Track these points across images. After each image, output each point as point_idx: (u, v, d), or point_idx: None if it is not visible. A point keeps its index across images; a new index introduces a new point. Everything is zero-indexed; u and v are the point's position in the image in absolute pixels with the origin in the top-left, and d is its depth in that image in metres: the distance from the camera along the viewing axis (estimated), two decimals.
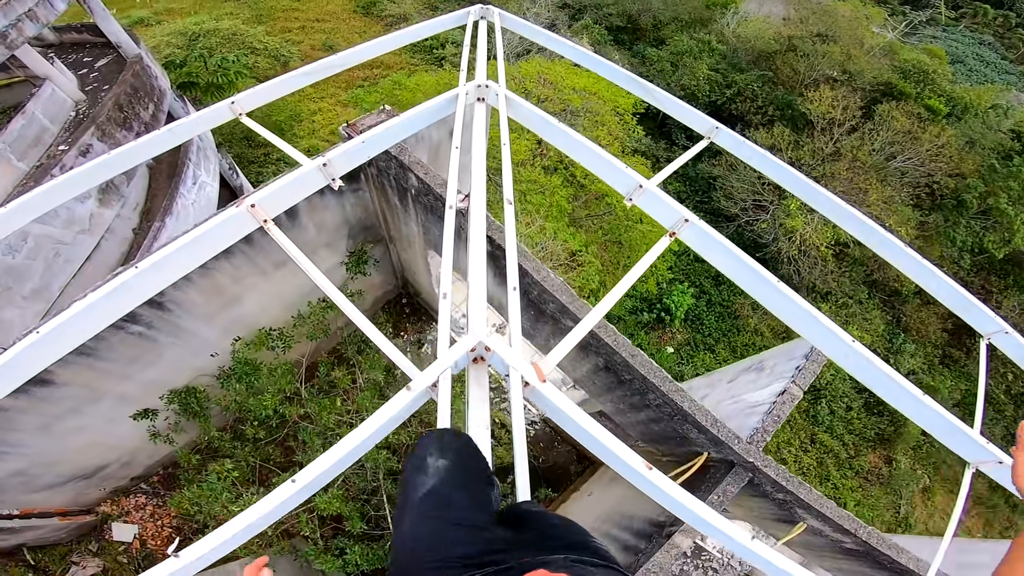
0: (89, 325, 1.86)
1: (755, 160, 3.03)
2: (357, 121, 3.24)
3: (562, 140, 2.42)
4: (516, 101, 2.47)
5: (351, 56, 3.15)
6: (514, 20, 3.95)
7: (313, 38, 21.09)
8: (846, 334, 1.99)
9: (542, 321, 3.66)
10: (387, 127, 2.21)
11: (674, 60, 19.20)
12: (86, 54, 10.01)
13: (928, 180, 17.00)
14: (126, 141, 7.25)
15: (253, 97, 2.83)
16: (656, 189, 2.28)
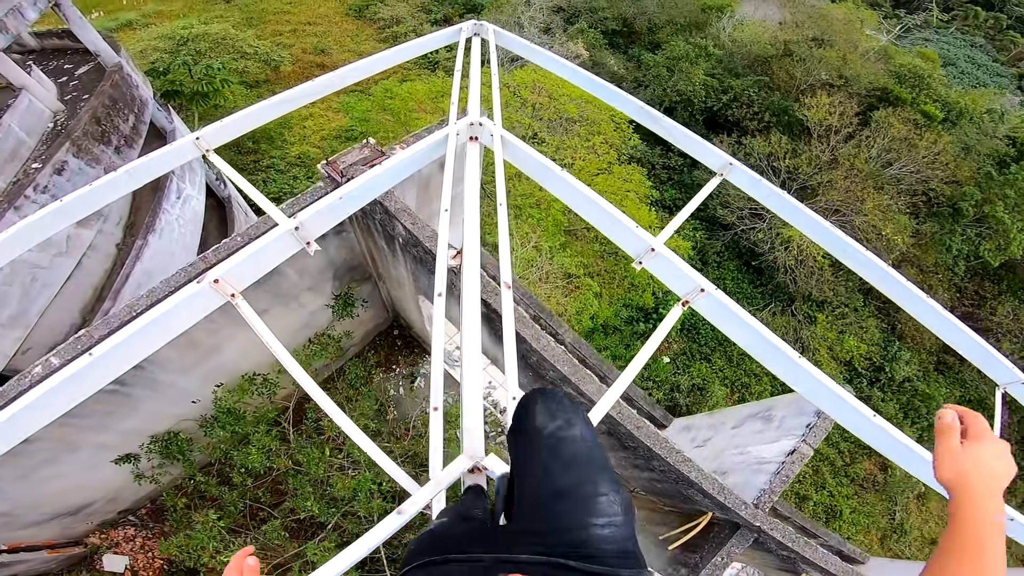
0: (36, 420, 1.66)
1: (772, 202, 2.81)
2: (337, 158, 2.98)
3: (564, 191, 2.19)
4: (513, 143, 2.23)
5: (331, 81, 2.90)
6: (510, 38, 3.73)
7: (305, 41, 20.75)
8: (867, 408, 1.89)
9: (541, 384, 3.44)
10: (368, 179, 1.97)
11: (670, 65, 19.03)
12: (67, 61, 9.67)
13: (924, 188, 16.93)
14: (104, 156, 6.95)
15: (221, 131, 2.57)
16: (670, 253, 2.06)
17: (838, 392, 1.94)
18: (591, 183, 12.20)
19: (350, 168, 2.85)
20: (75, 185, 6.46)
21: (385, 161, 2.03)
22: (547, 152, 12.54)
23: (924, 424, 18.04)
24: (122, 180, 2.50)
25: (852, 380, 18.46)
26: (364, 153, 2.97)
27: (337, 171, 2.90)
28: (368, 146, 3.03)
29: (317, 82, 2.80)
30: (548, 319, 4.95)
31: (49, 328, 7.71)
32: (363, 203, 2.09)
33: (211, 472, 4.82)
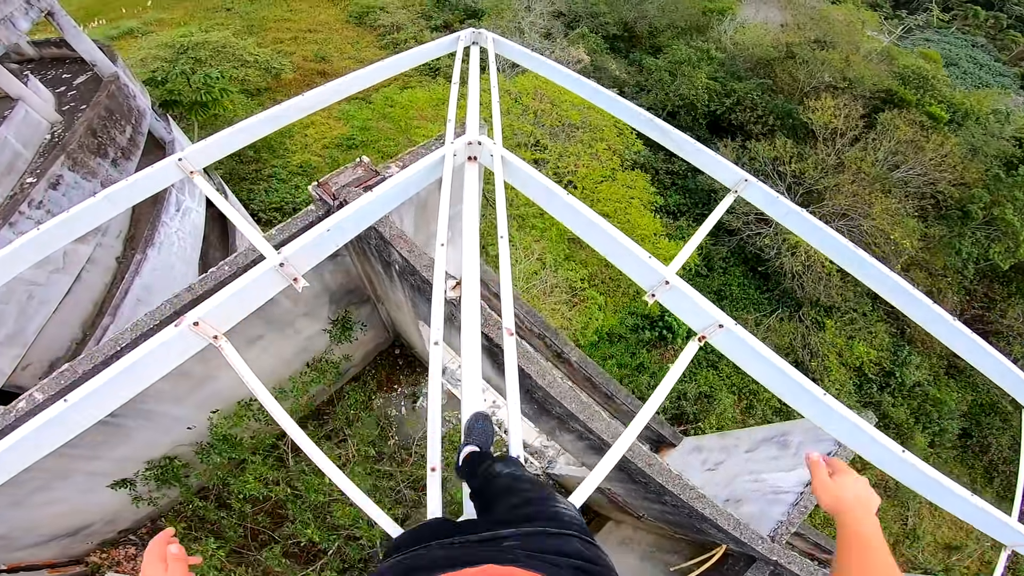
0: (13, 464, 1.59)
1: (791, 221, 2.65)
2: (329, 179, 2.83)
3: (570, 217, 2.04)
4: (514, 164, 2.08)
5: (322, 95, 2.76)
6: (510, 46, 3.59)
7: (305, 49, 20.71)
8: (895, 444, 1.94)
9: (547, 416, 3.28)
10: (358, 208, 1.83)
11: (672, 69, 18.88)
12: (65, 70, 9.58)
13: (932, 190, 16.71)
14: (100, 169, 6.84)
15: (206, 151, 2.44)
16: (685, 286, 1.91)
17: (865, 428, 1.92)
18: (594, 191, 12.06)
19: (343, 190, 2.70)
20: (71, 200, 6.34)
21: (377, 188, 1.88)
22: (550, 159, 12.40)
23: (935, 429, 17.78)
24: (102, 207, 2.37)
25: (862, 386, 18.21)
26: (358, 173, 2.82)
27: (329, 193, 2.75)
28: (362, 165, 2.88)
29: (307, 96, 2.66)
30: (553, 337, 4.79)
31: (49, 343, 7.61)
32: (353, 234, 1.95)
33: (209, 496, 4.68)
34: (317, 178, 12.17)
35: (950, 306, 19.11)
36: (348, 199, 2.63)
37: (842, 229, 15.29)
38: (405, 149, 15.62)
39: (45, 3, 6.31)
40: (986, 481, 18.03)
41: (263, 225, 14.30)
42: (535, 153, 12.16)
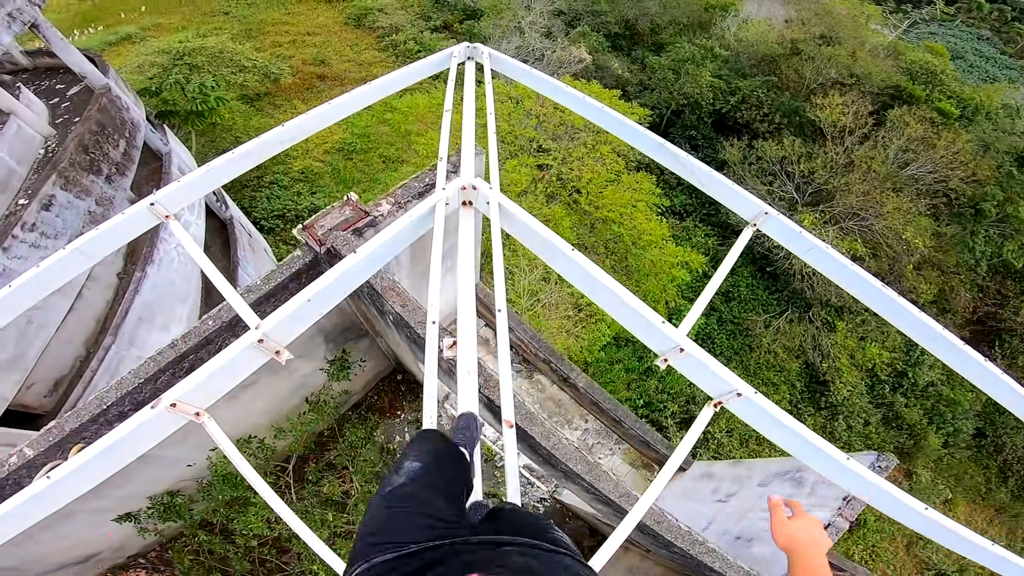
0: None
1: (814, 257, 2.45)
2: (315, 222, 2.64)
3: (575, 274, 1.86)
4: (514, 213, 1.90)
5: (302, 125, 2.58)
6: (509, 63, 3.38)
7: (304, 52, 20.54)
8: (918, 502, 1.86)
9: (552, 468, 3.11)
10: (341, 273, 1.66)
11: (676, 67, 18.58)
12: (59, 80, 9.43)
13: (944, 188, 16.39)
14: (95, 187, 6.69)
15: (179, 194, 2.28)
16: (700, 352, 1.75)
17: (890, 491, 1.86)
18: (599, 197, 11.83)
19: (330, 234, 2.53)
20: (65, 220, 6.20)
21: (361, 248, 1.70)
22: (553, 164, 12.16)
23: (949, 429, 17.51)
24: (74, 260, 2.22)
25: (874, 387, 17.97)
26: (345, 214, 2.64)
27: (315, 238, 2.57)
28: (350, 204, 2.69)
29: (287, 127, 2.49)
30: (558, 362, 4.62)
31: (53, 362, 7.53)
32: (337, 301, 1.78)
33: (215, 529, 4.54)
34: (318, 183, 11.85)
35: (962, 304, 18.83)
36: (336, 245, 2.46)
37: (853, 229, 15.01)
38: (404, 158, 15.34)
39: (28, 15, 6.15)
40: (1000, 480, 17.80)
41: (266, 234, 14.18)
42: (539, 160, 11.95)
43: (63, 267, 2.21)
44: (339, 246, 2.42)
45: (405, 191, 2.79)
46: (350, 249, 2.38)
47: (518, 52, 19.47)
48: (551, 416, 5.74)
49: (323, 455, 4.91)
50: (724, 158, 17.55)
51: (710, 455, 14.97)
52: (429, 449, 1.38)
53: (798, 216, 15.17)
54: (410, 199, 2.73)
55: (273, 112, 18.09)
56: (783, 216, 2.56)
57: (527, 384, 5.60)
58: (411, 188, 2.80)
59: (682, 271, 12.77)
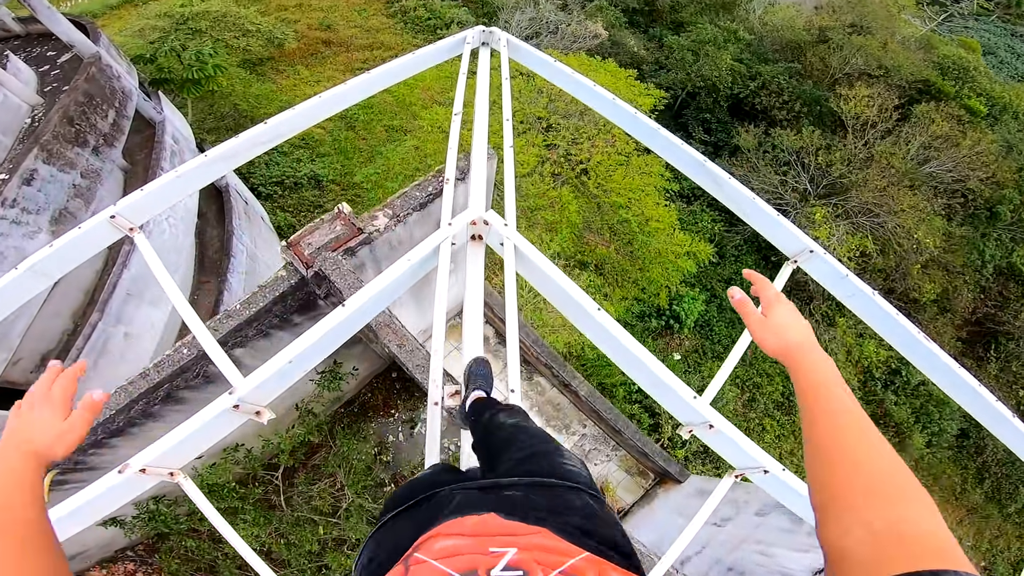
0: None
1: (858, 304, 2.24)
2: (301, 239, 2.34)
3: (598, 335, 1.62)
4: (532, 260, 1.63)
5: (295, 119, 2.28)
6: (529, 52, 3.04)
7: (310, 16, 19.75)
8: None
9: None
10: (328, 330, 1.41)
11: (695, 48, 17.88)
12: (51, 47, 8.97)
13: (962, 187, 15.95)
14: (80, 159, 6.36)
15: (143, 205, 2.01)
16: (730, 428, 1.61)
17: None
18: (608, 180, 11.43)
19: (318, 255, 2.25)
20: (47, 195, 5.90)
21: (351, 300, 1.45)
22: (561, 144, 11.71)
23: (935, 429, 17.60)
24: (27, 282, 1.96)
25: (866, 383, 17.97)
26: (336, 229, 2.34)
27: (302, 259, 2.29)
28: (340, 218, 2.38)
29: (270, 124, 2.19)
30: (560, 368, 4.41)
31: (40, 335, 7.34)
32: (323, 357, 1.56)
33: (202, 536, 4.40)
34: (319, 151, 11.44)
35: (963, 304, 18.65)
36: (325, 269, 2.19)
37: (865, 225, 14.65)
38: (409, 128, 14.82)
39: None
40: (976, 482, 18.04)
41: (263, 200, 13.83)
42: (548, 140, 11.51)
43: (18, 288, 1.96)
44: (328, 269, 2.15)
45: (404, 202, 2.49)
46: (340, 274, 2.12)
47: (532, 24, 18.72)
48: (549, 420, 5.57)
49: (315, 455, 4.75)
50: (738, 143, 17.07)
51: (709, 471, 15.02)
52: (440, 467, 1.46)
53: (811, 208, 14.79)
54: (410, 211, 2.45)
55: (276, 78, 17.48)
56: (830, 255, 2.31)
57: (526, 386, 5.42)
58: (411, 199, 2.50)
59: (689, 261, 12.48)
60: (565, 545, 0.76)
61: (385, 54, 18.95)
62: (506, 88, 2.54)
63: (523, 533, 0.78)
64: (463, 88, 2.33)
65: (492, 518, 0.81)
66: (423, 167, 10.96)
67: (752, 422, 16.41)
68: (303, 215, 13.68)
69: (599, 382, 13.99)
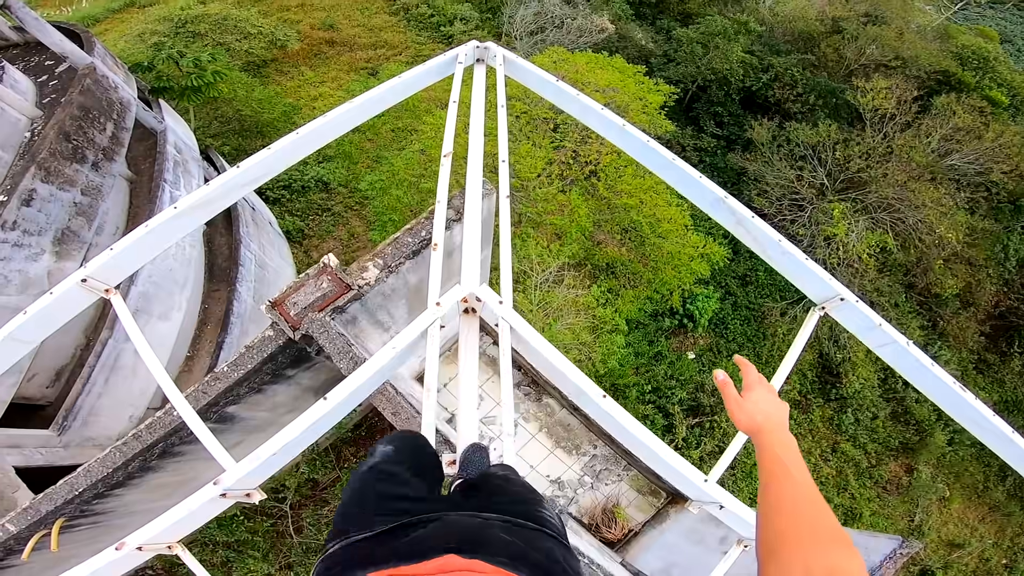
0: None
1: (891, 354, 2.10)
2: (286, 298, 2.16)
3: (611, 424, 1.48)
4: (529, 341, 1.48)
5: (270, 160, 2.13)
6: (528, 69, 2.80)
7: (313, 16, 19.58)
8: None
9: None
10: (313, 423, 1.31)
11: (705, 41, 17.45)
12: (49, 56, 8.89)
13: (984, 180, 15.45)
14: (79, 176, 6.27)
15: (114, 264, 1.89)
16: (740, 507, 1.63)
17: None
18: (618, 181, 11.18)
19: (304, 314, 2.09)
20: (48, 215, 5.82)
21: (332, 393, 1.30)
22: (569, 146, 11.47)
23: (957, 427, 17.17)
24: (9, 347, 1.88)
25: (887, 380, 17.61)
26: (323, 287, 2.15)
27: (288, 320, 2.13)
28: (327, 272, 2.19)
29: (243, 169, 2.03)
30: None
31: (55, 351, 7.40)
32: (308, 443, 1.45)
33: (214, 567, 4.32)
34: (326, 154, 11.27)
35: (986, 297, 18.20)
36: (312, 331, 2.03)
37: (885, 221, 14.24)
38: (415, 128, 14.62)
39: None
40: (999, 479, 17.69)
41: (271, 205, 13.77)
42: (555, 142, 11.27)
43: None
44: (316, 332, 2.00)
45: (396, 250, 2.31)
46: (329, 338, 1.97)
47: (537, 19, 18.38)
48: (559, 441, 5.42)
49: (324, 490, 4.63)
50: (751, 137, 16.69)
51: (727, 478, 14.83)
52: (399, 436, 1.42)
53: (830, 203, 14.39)
54: (402, 260, 2.27)
55: (280, 79, 17.36)
56: (861, 303, 2.12)
57: (535, 407, 5.26)
58: (403, 246, 2.32)
59: (703, 264, 12.21)
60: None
61: (389, 53, 18.76)
62: (502, 118, 2.34)
63: (482, 571, 0.82)
64: (453, 122, 2.14)
65: (452, 559, 0.84)
66: (427, 173, 10.80)
67: None
68: (311, 219, 13.61)
69: (612, 383, 13.84)
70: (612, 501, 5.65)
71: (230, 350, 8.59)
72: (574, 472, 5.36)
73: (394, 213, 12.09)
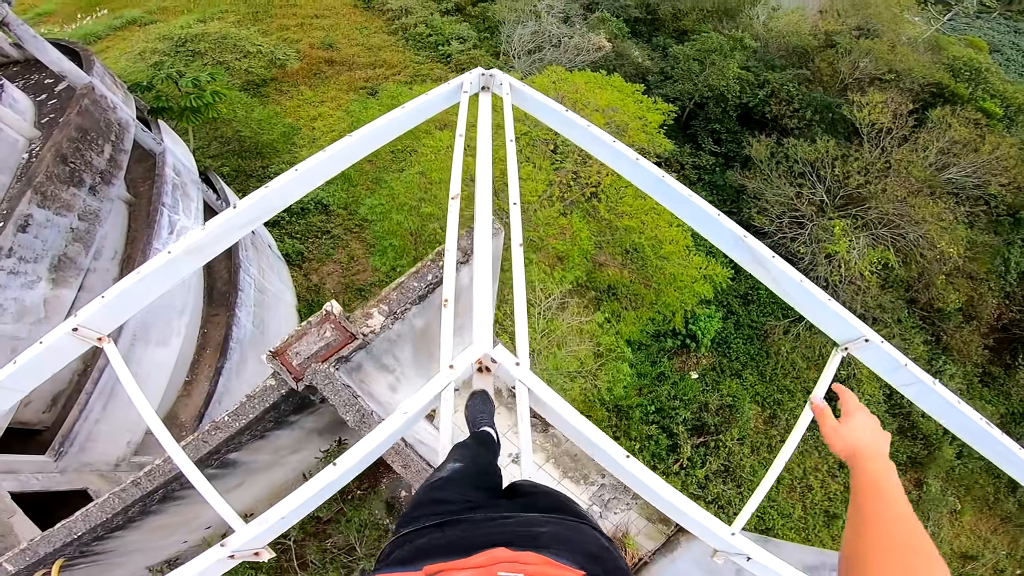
0: None
1: (917, 393, 2.04)
2: (288, 347, 2.06)
3: (635, 483, 1.39)
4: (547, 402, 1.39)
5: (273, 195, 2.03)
6: (536, 98, 2.67)
7: (312, 35, 19.78)
8: None
9: None
10: (321, 488, 1.24)
11: (701, 57, 17.61)
12: (48, 74, 8.85)
13: (983, 194, 15.49)
14: (76, 200, 6.19)
15: (106, 313, 1.80)
16: (772, 560, 1.53)
17: None
18: (619, 203, 11.16)
19: (307, 365, 1.99)
20: (45, 241, 5.73)
21: (343, 459, 1.22)
22: (570, 164, 11.47)
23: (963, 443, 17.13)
24: None
25: (892, 396, 17.50)
26: (326, 335, 2.05)
27: (291, 370, 2.03)
28: (331, 321, 2.07)
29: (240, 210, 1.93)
30: None
31: (51, 377, 7.18)
32: (317, 505, 1.36)
33: None
34: None
35: (988, 311, 18.17)
36: (316, 382, 1.93)
37: (886, 237, 14.22)
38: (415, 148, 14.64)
39: None
40: (1009, 491, 17.53)
41: (270, 227, 13.73)
42: (555, 162, 11.26)
43: None
44: (320, 383, 1.90)
45: (402, 296, 2.20)
46: (334, 389, 1.87)
47: (534, 38, 18.57)
48: (567, 472, 5.28)
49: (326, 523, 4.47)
50: (749, 154, 16.75)
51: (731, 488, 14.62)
52: (467, 453, 1.46)
53: (827, 221, 14.38)
54: (408, 306, 2.17)
55: (279, 99, 17.46)
56: (887, 344, 2.03)
57: (541, 438, 5.14)
58: (409, 291, 2.21)
59: (705, 286, 12.14)
60: (570, 572, 0.81)
61: (387, 72, 18.89)
62: (511, 153, 2.25)
63: (531, 562, 0.82)
64: (460, 161, 2.05)
65: (500, 551, 0.84)
66: (428, 197, 10.76)
67: (774, 439, 16.03)
68: (311, 241, 13.54)
69: (615, 404, 13.68)
70: (621, 530, 5.52)
71: (229, 376, 8.46)
72: (583, 502, 5.22)
73: (394, 238, 12.04)
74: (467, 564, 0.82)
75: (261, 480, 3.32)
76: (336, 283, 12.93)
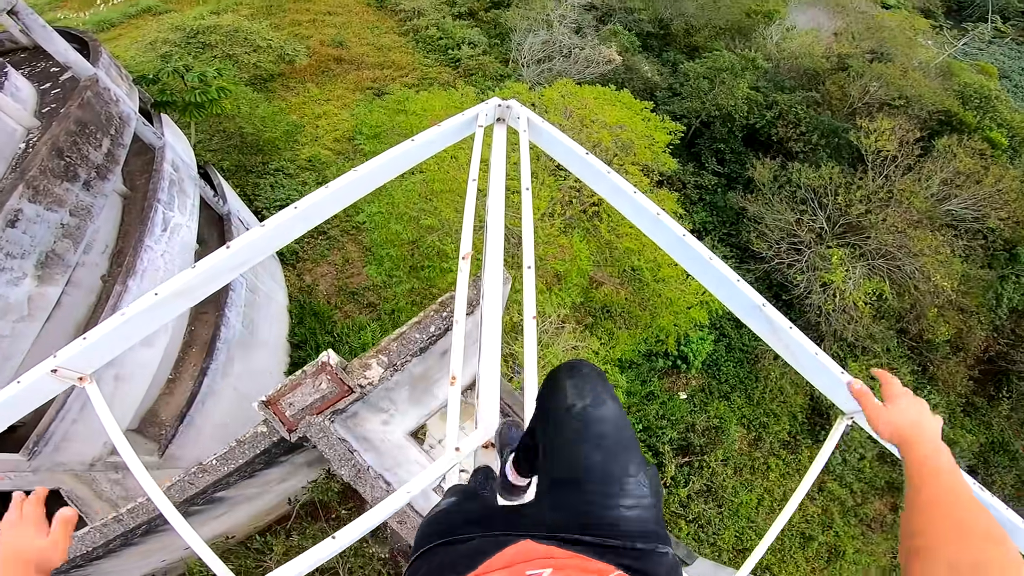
0: None
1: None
2: (281, 397, 1.96)
3: None
4: None
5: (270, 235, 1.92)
6: (552, 135, 2.47)
7: (323, 32, 19.64)
8: None
9: None
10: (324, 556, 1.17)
11: (711, 76, 17.59)
12: (55, 63, 8.70)
13: (982, 226, 15.51)
14: (69, 195, 6.05)
15: (88, 354, 1.70)
16: None
17: None
18: (620, 224, 11.12)
19: (300, 416, 1.88)
20: (33, 237, 5.58)
21: (341, 533, 1.13)
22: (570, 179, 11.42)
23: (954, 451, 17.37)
24: None
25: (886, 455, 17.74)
26: (321, 387, 1.94)
27: (283, 420, 1.92)
28: (327, 371, 1.97)
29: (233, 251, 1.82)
30: None
31: None
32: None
33: None
34: (327, 175, 11.13)
35: (976, 343, 18.30)
36: (310, 435, 1.83)
37: (882, 268, 14.22)
38: None
39: (5, 1, 5.48)
40: None
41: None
42: (559, 181, 11.19)
43: None
44: (315, 436, 1.80)
45: (402, 347, 2.09)
46: (328, 444, 1.77)
47: (545, 47, 18.50)
48: None
49: None
50: (753, 176, 16.75)
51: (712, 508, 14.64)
52: (461, 488, 1.43)
53: (825, 249, 14.35)
54: (408, 358, 2.07)
55: (285, 95, 17.29)
56: None
57: None
58: (410, 342, 2.10)
59: (701, 311, 12.09)
60: (600, 564, 0.78)
61: (395, 74, 18.77)
62: (527, 202, 2.13)
63: (560, 556, 0.80)
64: (472, 210, 1.94)
65: (528, 544, 0.83)
66: (428, 208, 10.64)
67: (757, 461, 16.12)
68: (306, 240, 13.38)
69: None
70: None
71: (215, 376, 8.29)
72: None
73: (392, 248, 11.90)
74: (496, 563, 0.81)
75: (246, 507, 3.21)
76: (329, 285, 12.78)
